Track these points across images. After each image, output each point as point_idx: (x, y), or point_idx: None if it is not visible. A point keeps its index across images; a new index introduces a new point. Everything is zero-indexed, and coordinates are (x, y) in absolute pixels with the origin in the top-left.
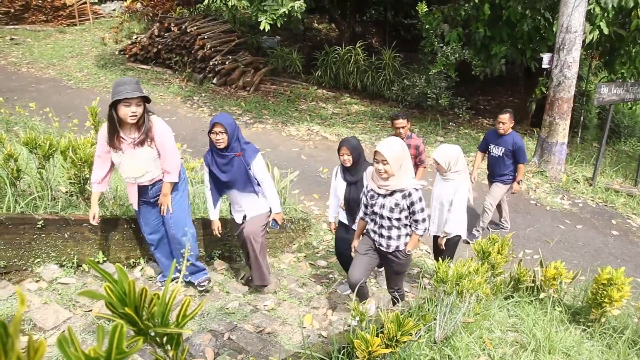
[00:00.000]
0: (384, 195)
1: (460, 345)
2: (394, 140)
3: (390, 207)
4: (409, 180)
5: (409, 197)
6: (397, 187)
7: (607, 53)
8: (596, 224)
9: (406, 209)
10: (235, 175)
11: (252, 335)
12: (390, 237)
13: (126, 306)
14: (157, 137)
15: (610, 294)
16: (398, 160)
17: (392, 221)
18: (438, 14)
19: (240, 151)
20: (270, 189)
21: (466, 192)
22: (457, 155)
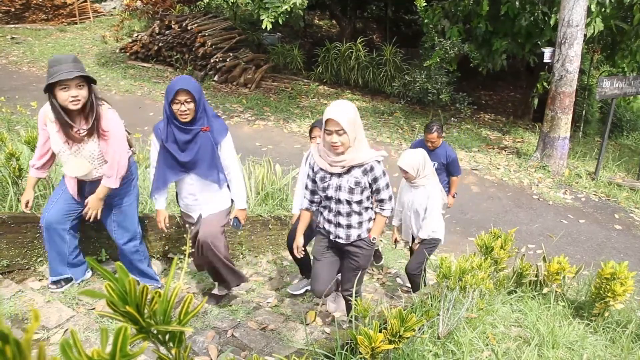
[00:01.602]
0: (339, 174)
1: (464, 341)
2: (344, 101)
3: (349, 187)
4: (367, 152)
5: (370, 172)
6: (355, 162)
7: (608, 47)
8: (599, 218)
9: (368, 188)
10: (199, 155)
11: (255, 332)
12: (350, 226)
13: (127, 304)
14: (104, 129)
15: (613, 288)
16: (355, 128)
17: (351, 205)
18: (438, 10)
19: (207, 125)
20: (239, 178)
21: (439, 195)
22: (423, 160)
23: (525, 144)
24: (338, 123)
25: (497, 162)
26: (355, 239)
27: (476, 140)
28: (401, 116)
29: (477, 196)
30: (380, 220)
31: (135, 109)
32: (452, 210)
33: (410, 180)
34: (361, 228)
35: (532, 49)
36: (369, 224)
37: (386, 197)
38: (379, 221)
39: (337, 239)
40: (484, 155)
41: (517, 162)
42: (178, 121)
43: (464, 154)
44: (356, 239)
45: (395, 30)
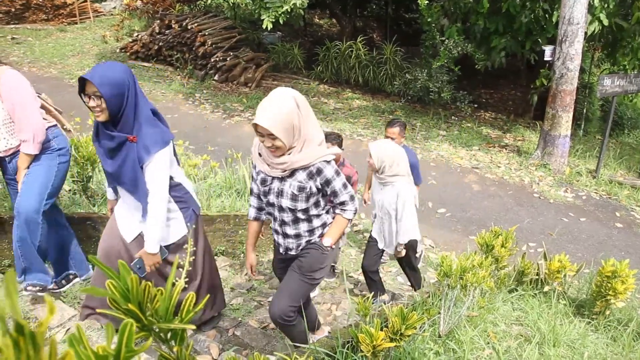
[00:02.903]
0: (281, 178)
1: (465, 339)
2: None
3: (292, 193)
4: (314, 150)
5: (318, 175)
6: (298, 164)
7: (609, 45)
8: (600, 216)
9: (316, 193)
10: (122, 169)
11: (256, 331)
12: (300, 235)
13: (129, 302)
14: (4, 92)
15: (614, 286)
16: (291, 130)
17: (296, 213)
18: (438, 8)
19: (135, 134)
20: (155, 213)
21: (410, 195)
22: (396, 157)
23: (526, 142)
24: (265, 128)
25: (498, 160)
26: (305, 244)
27: (477, 139)
28: (402, 115)
29: (477, 194)
30: (340, 222)
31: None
32: (453, 208)
33: (372, 169)
34: (312, 236)
35: (533, 46)
36: (324, 230)
37: (347, 199)
38: (337, 223)
39: (287, 251)
40: (485, 153)
41: (517, 161)
42: None
43: (464, 152)
44: (305, 246)
45: (396, 29)
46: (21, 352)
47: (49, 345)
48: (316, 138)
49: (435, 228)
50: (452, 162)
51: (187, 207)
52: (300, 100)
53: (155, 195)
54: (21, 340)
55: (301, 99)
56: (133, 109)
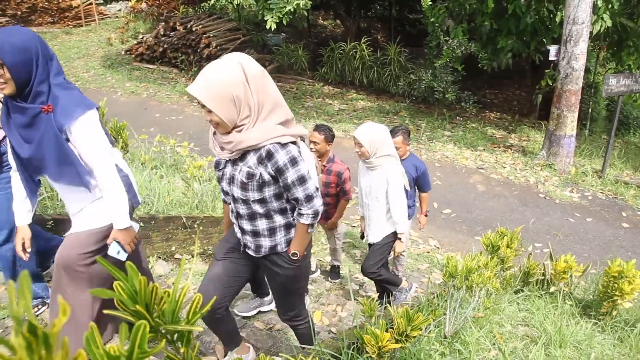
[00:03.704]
0: (233, 162)
1: (471, 340)
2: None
3: (241, 180)
4: (267, 129)
5: (268, 159)
6: (244, 144)
7: (614, 44)
8: (606, 216)
9: (272, 182)
10: (43, 148)
11: (262, 332)
12: (258, 233)
13: (137, 304)
14: None
15: (621, 286)
16: (229, 100)
17: (251, 205)
18: (442, 10)
19: (49, 102)
20: (109, 184)
21: (400, 177)
22: (385, 137)
23: (531, 142)
24: (200, 99)
25: (503, 160)
26: (268, 252)
27: (482, 139)
28: (406, 115)
29: (483, 195)
30: (299, 230)
31: (141, 110)
32: (458, 209)
33: (365, 157)
34: (274, 237)
35: (538, 46)
36: (291, 233)
37: (301, 197)
38: (298, 231)
39: (246, 249)
40: (490, 154)
41: (523, 161)
42: None
43: (469, 153)
44: (269, 252)
45: (400, 30)
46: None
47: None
48: (275, 116)
49: (441, 229)
50: (457, 163)
51: None
52: (251, 69)
53: (99, 164)
54: (34, 341)
55: (252, 68)
56: (45, 79)
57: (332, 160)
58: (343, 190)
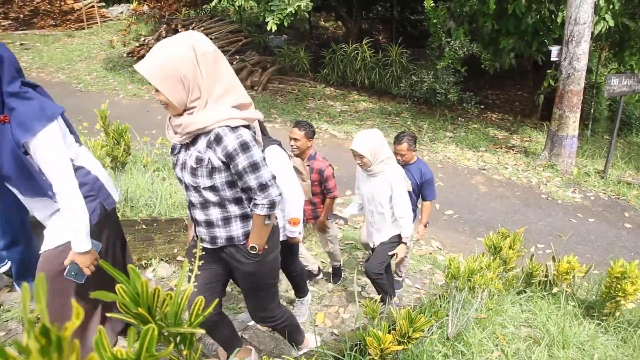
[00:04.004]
0: (186, 146)
1: (473, 341)
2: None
3: (191, 166)
4: (219, 112)
5: (217, 143)
6: (192, 127)
7: (616, 44)
8: (609, 217)
9: (223, 169)
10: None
11: (264, 334)
12: (211, 224)
13: (139, 306)
14: None
15: (624, 287)
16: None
17: (202, 193)
18: (444, 11)
19: (5, 112)
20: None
21: (403, 182)
22: (381, 141)
23: (533, 143)
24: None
25: (505, 161)
26: (225, 243)
27: (484, 140)
28: (408, 117)
29: (485, 196)
30: (256, 222)
31: (143, 113)
32: (460, 210)
33: (367, 167)
34: (229, 228)
35: (539, 47)
36: (249, 225)
37: (254, 185)
38: (254, 223)
39: (201, 242)
40: (492, 154)
41: (525, 161)
42: None
43: (471, 154)
44: (226, 243)
45: (401, 31)
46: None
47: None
48: (228, 98)
49: (443, 230)
50: (459, 164)
51: (93, 197)
52: (202, 48)
53: (57, 182)
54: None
55: (204, 46)
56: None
57: (313, 158)
58: (327, 188)
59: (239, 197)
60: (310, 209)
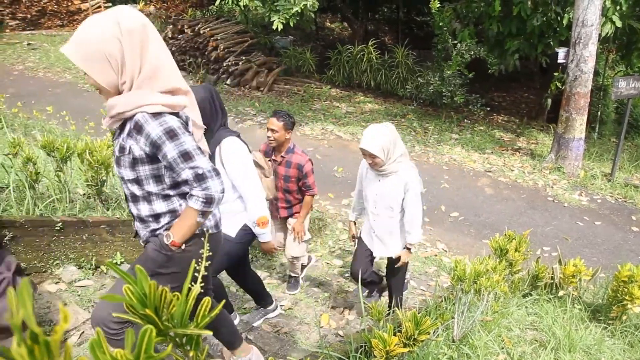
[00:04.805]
0: (119, 132)
1: (479, 344)
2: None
3: (116, 155)
4: (141, 96)
5: (137, 131)
6: (114, 110)
7: (623, 46)
8: (615, 220)
9: (147, 161)
10: None
11: (269, 335)
12: (143, 219)
13: (146, 307)
14: None
15: (631, 291)
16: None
17: (129, 185)
18: (450, 12)
19: None
20: None
21: (419, 183)
22: (394, 136)
23: (540, 145)
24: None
25: (511, 163)
26: (150, 235)
27: (490, 142)
28: (414, 118)
29: (491, 198)
30: (186, 214)
31: None
32: (466, 212)
33: (379, 166)
34: (159, 224)
35: (545, 49)
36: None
37: (190, 176)
38: (183, 215)
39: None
40: (498, 157)
41: (531, 164)
42: None
43: (477, 156)
44: (150, 235)
45: (407, 32)
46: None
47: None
48: (158, 81)
49: (448, 232)
50: (465, 166)
51: None
52: (128, 23)
53: None
54: (36, 349)
55: (130, 22)
56: None
57: (291, 151)
58: (305, 184)
59: (166, 195)
60: (285, 207)
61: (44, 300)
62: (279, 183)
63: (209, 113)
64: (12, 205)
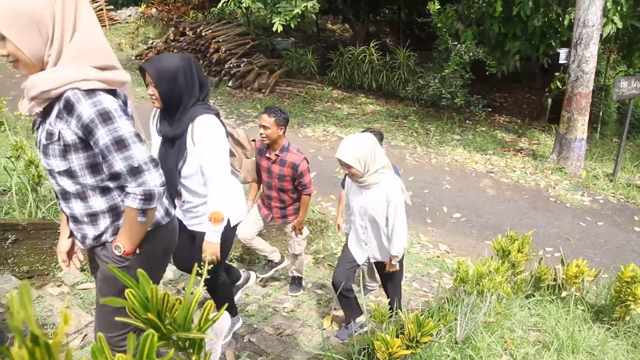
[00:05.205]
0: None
1: (482, 345)
2: None
3: (43, 143)
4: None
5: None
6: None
7: (625, 47)
8: (618, 220)
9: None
10: None
11: (272, 337)
12: (77, 219)
13: (149, 311)
14: None
15: (634, 291)
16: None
17: (57, 179)
18: (452, 13)
19: None
20: None
21: (401, 195)
22: (373, 147)
23: (542, 145)
24: None
25: (513, 164)
26: (93, 243)
27: (491, 143)
28: (415, 119)
29: (493, 199)
30: (127, 216)
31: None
32: (468, 213)
33: (357, 178)
34: (97, 225)
35: (546, 50)
36: (114, 221)
37: (123, 169)
38: (125, 218)
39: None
40: (500, 157)
41: (533, 164)
42: None
43: (479, 157)
44: (94, 243)
45: (409, 34)
46: None
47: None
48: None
49: (451, 233)
50: (466, 167)
51: None
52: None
53: None
54: (37, 351)
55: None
56: None
57: (286, 149)
58: (302, 184)
59: (105, 187)
60: (279, 206)
61: (47, 302)
62: (273, 182)
63: (182, 84)
64: (15, 208)
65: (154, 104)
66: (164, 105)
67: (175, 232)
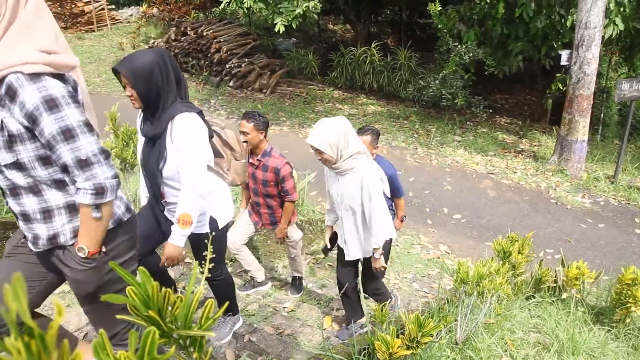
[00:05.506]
0: None
1: (482, 346)
2: None
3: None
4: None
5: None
6: None
7: (626, 49)
8: (619, 222)
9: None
10: None
11: (272, 337)
12: (28, 217)
13: (150, 309)
14: None
15: (635, 293)
16: None
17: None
18: (454, 14)
19: None
20: None
21: (377, 181)
22: (346, 132)
23: (543, 147)
24: None
25: (514, 165)
26: (48, 244)
27: (492, 144)
28: (416, 120)
29: (493, 200)
30: (82, 213)
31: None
32: (469, 214)
33: (331, 164)
34: (52, 224)
35: (548, 51)
36: (72, 221)
37: (70, 161)
38: (81, 219)
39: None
40: (501, 159)
41: (534, 166)
42: None
43: (480, 158)
44: (49, 245)
45: (410, 34)
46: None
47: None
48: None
49: (451, 234)
50: (467, 168)
51: None
52: None
53: None
54: (33, 343)
55: None
56: None
57: (268, 154)
58: (284, 189)
59: (59, 180)
60: (267, 212)
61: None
62: (258, 187)
63: (159, 79)
64: None
65: (135, 105)
66: (144, 105)
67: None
